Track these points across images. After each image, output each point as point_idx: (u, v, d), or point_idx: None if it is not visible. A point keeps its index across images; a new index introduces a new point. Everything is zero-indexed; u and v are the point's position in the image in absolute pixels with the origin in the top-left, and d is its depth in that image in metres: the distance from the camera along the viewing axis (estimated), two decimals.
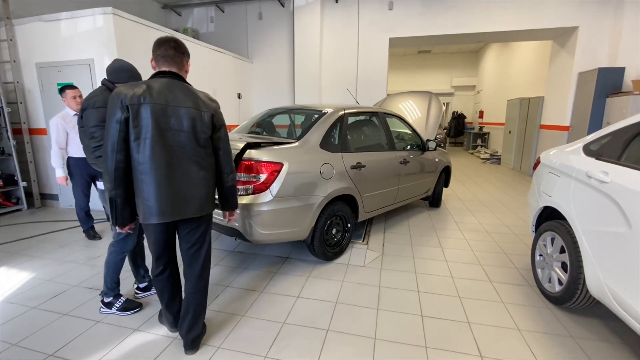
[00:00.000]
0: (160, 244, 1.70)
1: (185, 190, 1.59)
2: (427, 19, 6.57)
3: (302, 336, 1.97)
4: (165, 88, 1.55)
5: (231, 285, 2.56)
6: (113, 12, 3.96)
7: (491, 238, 3.59)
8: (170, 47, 1.61)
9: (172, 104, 1.54)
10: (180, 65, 1.66)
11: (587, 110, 5.71)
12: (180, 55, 1.65)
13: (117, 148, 1.46)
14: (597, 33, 5.87)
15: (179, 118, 1.54)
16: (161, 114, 1.50)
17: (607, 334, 2.02)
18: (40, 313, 2.19)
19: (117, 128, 1.46)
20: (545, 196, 2.47)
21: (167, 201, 1.54)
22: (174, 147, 1.54)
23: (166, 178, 1.53)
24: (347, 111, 3.16)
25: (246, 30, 7.65)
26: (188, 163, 1.58)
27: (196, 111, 1.59)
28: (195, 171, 1.61)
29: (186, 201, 1.60)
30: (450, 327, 2.07)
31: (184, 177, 1.58)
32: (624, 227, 1.66)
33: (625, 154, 1.89)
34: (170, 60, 1.62)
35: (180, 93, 1.58)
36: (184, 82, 1.66)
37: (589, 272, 1.91)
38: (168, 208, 1.55)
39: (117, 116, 1.45)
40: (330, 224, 2.89)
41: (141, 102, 1.47)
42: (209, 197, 1.70)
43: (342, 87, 7.06)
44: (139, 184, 1.52)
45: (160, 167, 1.51)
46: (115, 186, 1.50)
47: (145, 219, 1.56)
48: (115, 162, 1.47)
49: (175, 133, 1.54)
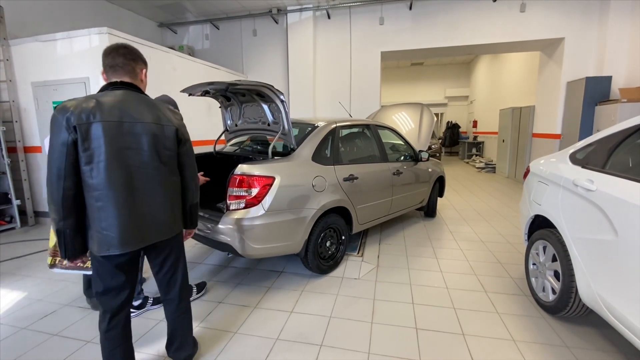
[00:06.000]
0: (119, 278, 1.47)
1: (149, 214, 1.44)
2: (418, 33, 6.73)
3: (295, 352, 1.95)
4: (118, 102, 1.37)
5: (224, 301, 2.53)
6: (108, 31, 4.04)
7: (486, 247, 3.59)
8: (119, 55, 1.44)
9: (128, 120, 1.37)
10: (133, 74, 1.48)
11: (577, 118, 5.80)
12: (132, 63, 1.48)
13: (64, 174, 1.28)
14: (583, 43, 6.02)
15: (137, 135, 1.38)
16: (116, 132, 1.33)
17: (603, 343, 2.00)
18: (29, 334, 2.15)
19: (63, 152, 1.27)
20: (535, 205, 2.49)
21: (130, 228, 1.38)
22: (134, 168, 1.38)
23: (127, 203, 1.37)
24: (339, 124, 3.20)
25: (241, 46, 7.79)
26: (151, 184, 1.43)
27: (157, 126, 1.44)
28: (160, 192, 1.46)
29: (151, 226, 1.45)
30: (444, 340, 2.05)
31: (147, 200, 1.43)
32: (610, 234, 1.67)
33: (610, 162, 1.92)
34: (120, 69, 1.45)
35: (137, 106, 1.41)
36: (141, 94, 1.50)
37: (581, 281, 1.91)
38: (132, 235, 1.39)
39: (63, 138, 1.26)
40: (324, 237, 2.89)
41: (91, 120, 1.29)
42: (177, 217, 1.58)
43: (336, 100, 7.17)
44: (95, 212, 1.34)
45: (119, 192, 1.35)
46: (63, 217, 1.30)
47: (102, 251, 1.36)
48: (62, 190, 1.28)
49: (134, 152, 1.38)
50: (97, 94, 1.39)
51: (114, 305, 1.49)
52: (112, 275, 1.46)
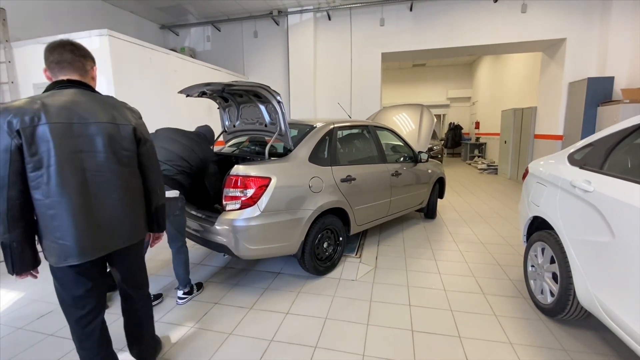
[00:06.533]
0: (85, 285, 1.40)
1: (108, 220, 1.36)
2: (418, 33, 6.71)
3: (290, 354, 1.94)
4: (67, 102, 1.27)
5: (220, 302, 2.52)
6: (109, 33, 4.06)
7: (486, 249, 3.56)
8: (67, 51, 1.34)
9: (79, 121, 1.27)
10: (82, 71, 1.39)
11: (579, 119, 5.75)
12: (82, 59, 1.38)
13: (8, 183, 1.17)
14: (584, 44, 5.98)
15: (90, 136, 1.30)
16: (65, 134, 1.24)
17: (602, 346, 1.98)
18: (26, 333, 2.16)
19: (6, 159, 1.16)
20: (533, 206, 2.46)
21: (88, 236, 1.30)
22: (88, 172, 1.29)
23: (83, 209, 1.28)
24: (337, 125, 3.19)
25: (242, 48, 7.82)
26: (109, 188, 1.35)
27: (113, 126, 1.35)
28: (120, 196, 1.38)
29: (111, 233, 1.37)
30: (440, 342, 2.03)
31: (106, 205, 1.34)
32: (608, 236, 1.65)
33: (607, 163, 1.89)
34: (68, 66, 1.35)
35: (89, 106, 1.32)
36: (94, 92, 1.40)
37: (578, 283, 1.88)
38: (90, 244, 1.31)
39: (5, 144, 1.16)
40: (321, 238, 2.87)
41: (35, 123, 1.19)
42: (140, 222, 1.50)
43: (336, 101, 7.16)
44: (48, 221, 1.25)
45: (74, 199, 1.26)
46: (9, 229, 1.19)
47: (60, 262, 1.30)
48: (7, 201, 1.17)
49: (88, 155, 1.29)
50: (42, 95, 1.29)
51: (83, 314, 1.42)
52: (76, 283, 1.38)
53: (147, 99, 4.61)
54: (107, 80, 4.10)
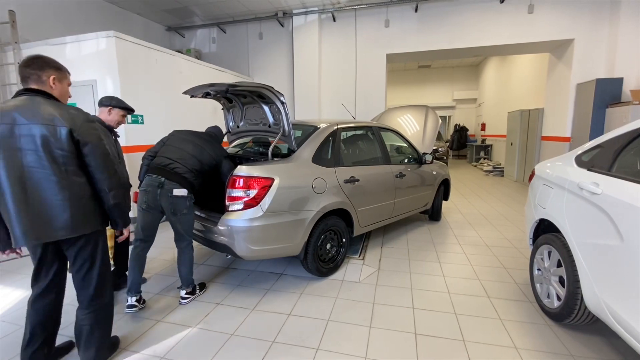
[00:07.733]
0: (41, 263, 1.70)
1: (45, 212, 1.52)
2: (423, 35, 6.68)
3: (291, 355, 1.92)
4: (15, 106, 1.50)
5: (222, 302, 2.52)
6: (115, 35, 4.10)
7: (491, 252, 3.51)
8: (26, 67, 1.59)
9: (21, 123, 1.48)
10: (38, 81, 1.61)
11: (587, 121, 5.67)
12: (38, 71, 1.60)
13: None
14: (593, 44, 5.89)
15: (31, 137, 1.48)
16: (8, 134, 1.46)
17: (610, 352, 1.93)
18: None
19: None
20: (540, 208, 2.42)
21: (27, 225, 1.50)
22: (26, 168, 1.48)
23: (22, 200, 1.48)
24: (340, 126, 3.18)
25: (247, 49, 7.85)
26: (44, 184, 1.51)
27: (49, 127, 1.50)
28: (54, 192, 1.52)
29: (49, 224, 1.53)
30: (444, 346, 2.00)
31: (43, 198, 1.51)
32: (616, 239, 1.61)
33: (616, 165, 1.86)
34: (27, 79, 1.60)
35: (35, 110, 1.51)
36: (48, 98, 1.59)
37: (586, 287, 1.85)
38: (29, 231, 1.51)
39: None
40: (324, 239, 2.86)
41: None
42: (81, 217, 1.60)
43: (341, 102, 7.15)
44: (2, 210, 1.51)
45: (15, 191, 1.47)
46: None
47: (15, 244, 1.55)
48: None
49: (26, 153, 1.48)
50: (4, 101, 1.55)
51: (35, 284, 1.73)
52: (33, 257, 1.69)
53: (153, 99, 4.64)
54: (113, 81, 4.14)
